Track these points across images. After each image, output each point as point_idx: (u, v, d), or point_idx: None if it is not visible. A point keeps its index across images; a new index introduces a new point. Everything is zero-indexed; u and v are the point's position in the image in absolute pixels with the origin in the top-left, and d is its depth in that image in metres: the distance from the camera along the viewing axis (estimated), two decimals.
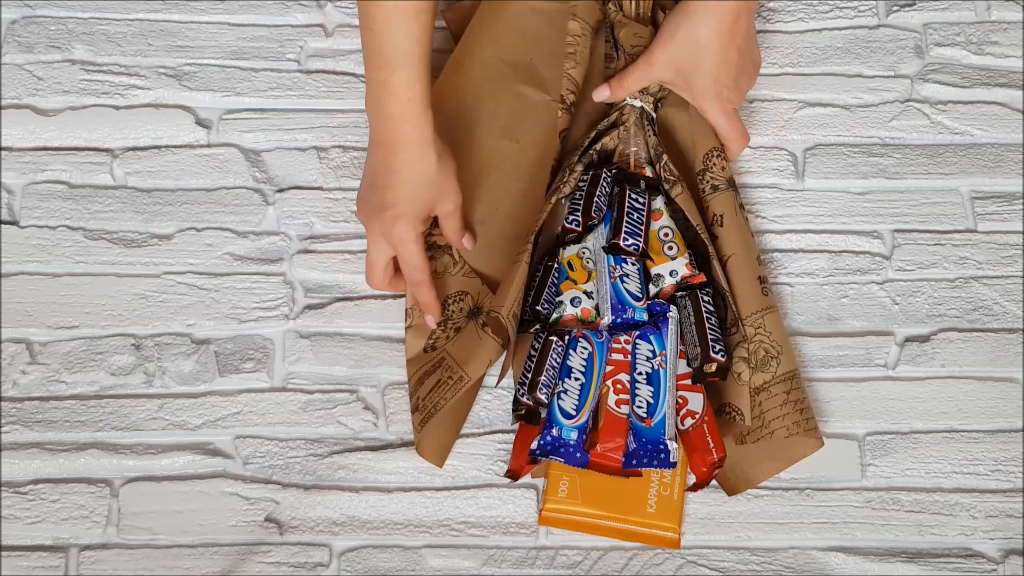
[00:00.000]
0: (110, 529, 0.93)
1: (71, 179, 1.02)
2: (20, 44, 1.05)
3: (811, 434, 0.93)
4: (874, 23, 1.08)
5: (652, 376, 0.92)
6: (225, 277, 0.99)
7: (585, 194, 0.97)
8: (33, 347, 0.97)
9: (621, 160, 1.00)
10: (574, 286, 0.95)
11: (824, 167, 1.04)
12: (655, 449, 0.90)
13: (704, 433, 0.91)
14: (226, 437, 0.95)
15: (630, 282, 0.94)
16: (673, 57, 0.97)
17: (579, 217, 0.96)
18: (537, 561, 0.93)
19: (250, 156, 1.03)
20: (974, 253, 1.01)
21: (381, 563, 0.93)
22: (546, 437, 0.91)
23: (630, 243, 0.94)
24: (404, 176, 0.89)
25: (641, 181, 0.98)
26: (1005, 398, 0.97)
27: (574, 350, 0.92)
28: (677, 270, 0.95)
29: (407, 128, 0.88)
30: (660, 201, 0.98)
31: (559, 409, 0.91)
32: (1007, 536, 0.94)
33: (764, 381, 0.94)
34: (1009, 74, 1.06)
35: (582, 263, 0.96)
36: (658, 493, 0.92)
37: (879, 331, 0.99)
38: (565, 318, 0.94)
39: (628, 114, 1.00)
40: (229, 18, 1.07)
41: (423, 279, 0.93)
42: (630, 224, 0.95)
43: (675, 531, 0.92)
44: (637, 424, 0.91)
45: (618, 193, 0.97)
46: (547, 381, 0.90)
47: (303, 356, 0.98)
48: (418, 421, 0.93)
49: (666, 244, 0.96)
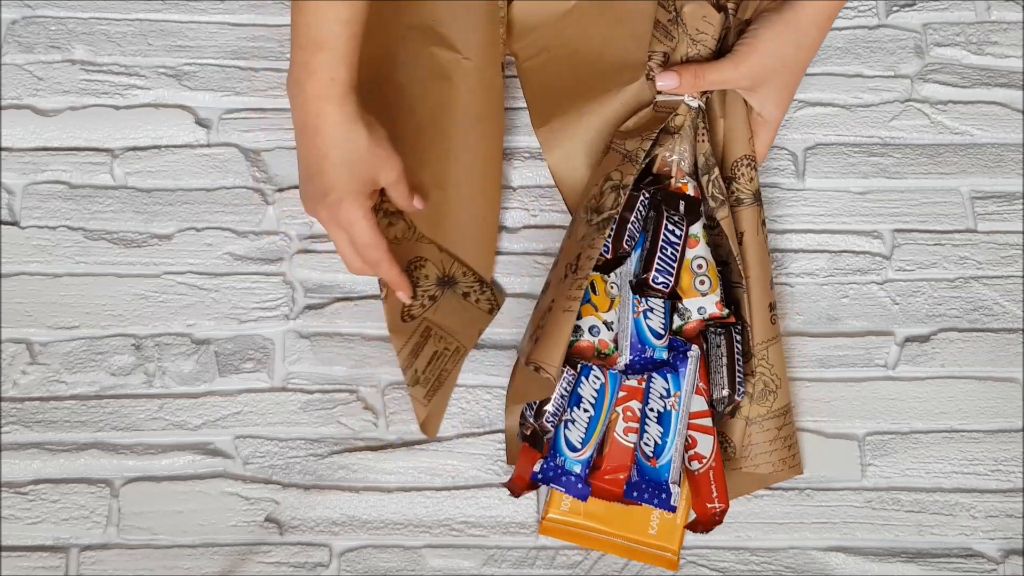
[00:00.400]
0: (110, 529, 0.93)
1: (71, 179, 1.02)
2: (20, 44, 1.05)
3: (795, 469, 0.93)
4: (874, 23, 1.08)
5: (663, 416, 0.89)
6: (225, 277, 0.99)
7: (619, 219, 0.90)
8: (33, 347, 0.97)
9: (662, 169, 0.93)
10: (594, 312, 0.89)
11: (824, 167, 1.04)
12: (657, 489, 0.88)
13: (709, 481, 0.89)
14: (226, 437, 0.96)
15: (654, 317, 0.89)
16: (760, 68, 0.92)
17: (609, 243, 0.90)
18: (537, 561, 0.93)
19: (250, 156, 1.03)
20: (974, 253, 1.01)
21: (381, 563, 0.93)
22: (550, 463, 0.88)
23: (660, 282, 0.89)
24: (335, 157, 0.84)
25: (680, 203, 0.91)
26: (1005, 398, 0.98)
27: (586, 378, 0.88)
28: (706, 307, 0.91)
29: (328, 108, 0.83)
30: (699, 227, 0.92)
31: (565, 440, 0.88)
32: (1007, 536, 0.94)
33: (758, 414, 0.92)
34: (1009, 74, 1.06)
35: (606, 288, 0.90)
36: (661, 517, 0.92)
37: (879, 331, 0.99)
38: (580, 345, 0.90)
39: (684, 116, 0.92)
40: (229, 18, 1.07)
41: (380, 256, 0.89)
42: (662, 260, 0.89)
43: (674, 553, 0.91)
44: (642, 461, 0.89)
45: (654, 219, 0.90)
46: (555, 410, 0.88)
47: (303, 356, 0.98)
48: (422, 394, 0.91)
49: (698, 278, 0.91)
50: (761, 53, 0.92)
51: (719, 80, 0.93)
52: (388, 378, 0.97)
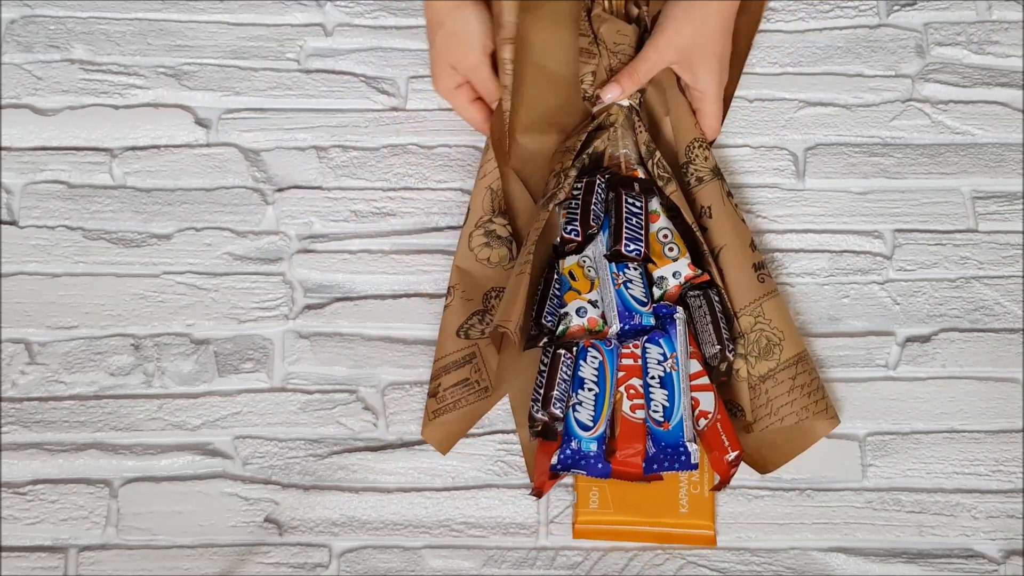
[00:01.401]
0: (109, 530, 0.93)
1: (70, 179, 1.01)
2: (19, 44, 1.05)
3: (821, 416, 0.93)
4: (875, 23, 1.08)
5: (665, 379, 0.91)
6: (224, 277, 0.99)
7: (581, 202, 0.95)
8: (32, 347, 0.97)
9: (612, 163, 0.99)
10: (578, 296, 0.94)
11: (825, 167, 1.04)
12: (675, 452, 0.90)
13: (718, 432, 0.91)
14: (225, 437, 0.95)
15: (634, 287, 0.93)
16: (678, 39, 0.97)
17: (577, 227, 0.95)
18: (537, 562, 0.93)
19: (249, 156, 1.03)
20: (975, 253, 1.01)
21: (381, 564, 0.93)
22: (566, 451, 0.90)
23: (632, 248, 0.93)
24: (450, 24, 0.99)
25: (635, 184, 0.97)
26: (1006, 398, 0.97)
27: (584, 360, 0.91)
28: (680, 271, 0.94)
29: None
30: (656, 202, 0.97)
31: (576, 422, 0.90)
32: (1008, 537, 0.94)
33: (769, 369, 0.93)
34: (1010, 74, 1.06)
35: (583, 272, 0.95)
36: (689, 492, 0.92)
37: (880, 331, 0.99)
38: (572, 329, 0.93)
39: (616, 114, 0.99)
40: (228, 17, 1.07)
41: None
42: (630, 229, 0.94)
43: (710, 528, 0.92)
44: (655, 429, 0.90)
45: (614, 198, 0.96)
46: (560, 395, 0.89)
47: (303, 356, 0.97)
48: (432, 408, 0.92)
49: (666, 246, 0.95)
50: (674, 28, 0.98)
51: (649, 66, 0.98)
52: (388, 378, 0.97)
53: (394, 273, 1.00)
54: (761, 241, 1.01)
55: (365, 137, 1.03)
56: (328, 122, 1.04)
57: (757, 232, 1.01)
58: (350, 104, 1.04)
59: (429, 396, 0.93)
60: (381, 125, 1.04)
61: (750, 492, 0.94)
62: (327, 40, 1.07)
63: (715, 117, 1.01)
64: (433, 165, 1.03)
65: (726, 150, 1.04)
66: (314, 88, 1.05)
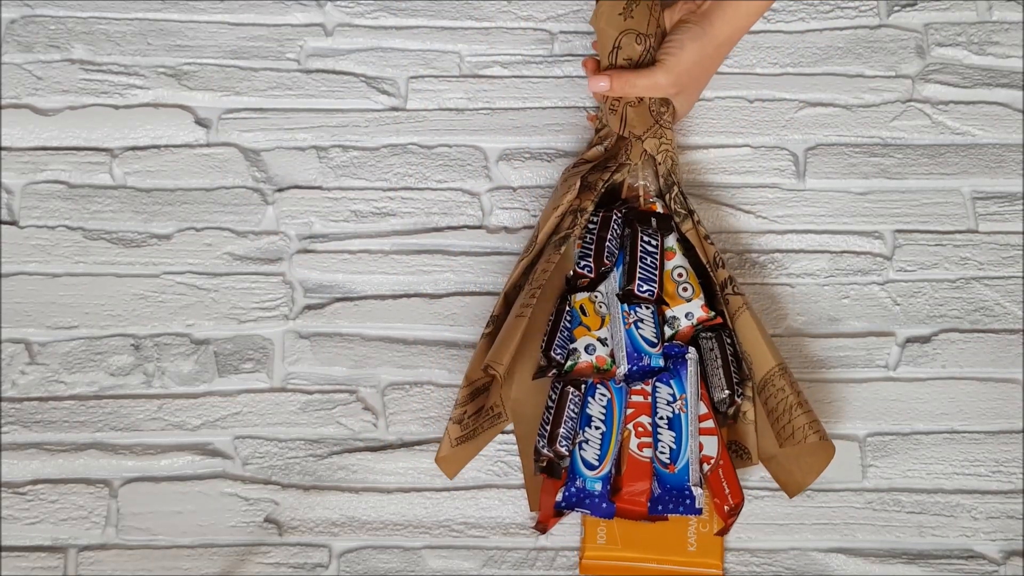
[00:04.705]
0: (109, 530, 0.93)
1: (70, 179, 1.01)
2: (19, 43, 1.05)
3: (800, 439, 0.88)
4: (875, 23, 1.08)
5: (674, 421, 0.90)
6: (224, 277, 0.99)
7: (596, 238, 0.93)
8: (32, 347, 0.97)
9: (630, 195, 0.97)
10: (587, 332, 0.91)
11: (825, 167, 1.04)
12: (680, 495, 0.89)
13: (720, 478, 0.90)
14: (225, 437, 0.95)
15: (645, 327, 0.91)
16: (686, 77, 0.96)
17: (591, 262, 0.93)
18: (537, 562, 0.93)
19: (249, 156, 1.03)
20: (975, 254, 1.01)
21: (381, 564, 0.93)
22: (571, 488, 0.89)
23: (645, 289, 0.92)
24: None
25: (652, 219, 0.95)
26: (1006, 399, 0.97)
27: (592, 397, 0.91)
28: (693, 312, 0.93)
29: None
30: (672, 239, 0.95)
31: (581, 460, 0.89)
32: (1008, 537, 0.94)
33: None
34: (1010, 74, 1.06)
35: (595, 308, 0.93)
36: (697, 531, 0.92)
37: (880, 332, 0.99)
38: (580, 366, 0.91)
39: (634, 146, 0.96)
40: (229, 17, 1.07)
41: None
42: (644, 269, 0.92)
43: (718, 567, 0.91)
44: (661, 470, 0.90)
45: (630, 235, 0.94)
46: (566, 433, 0.89)
47: (302, 356, 0.97)
48: (455, 435, 0.90)
49: (680, 285, 0.93)
50: (686, 63, 0.95)
51: (649, 86, 0.95)
52: (388, 378, 0.97)
53: (394, 273, 0.99)
54: (762, 241, 1.01)
55: (365, 137, 1.03)
56: (328, 122, 1.04)
57: (758, 232, 1.01)
58: (350, 104, 1.04)
59: (453, 421, 0.91)
60: (381, 125, 1.04)
61: (750, 492, 0.94)
62: (327, 40, 1.06)
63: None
64: (433, 165, 1.03)
65: (726, 150, 1.04)
66: (314, 88, 1.05)
